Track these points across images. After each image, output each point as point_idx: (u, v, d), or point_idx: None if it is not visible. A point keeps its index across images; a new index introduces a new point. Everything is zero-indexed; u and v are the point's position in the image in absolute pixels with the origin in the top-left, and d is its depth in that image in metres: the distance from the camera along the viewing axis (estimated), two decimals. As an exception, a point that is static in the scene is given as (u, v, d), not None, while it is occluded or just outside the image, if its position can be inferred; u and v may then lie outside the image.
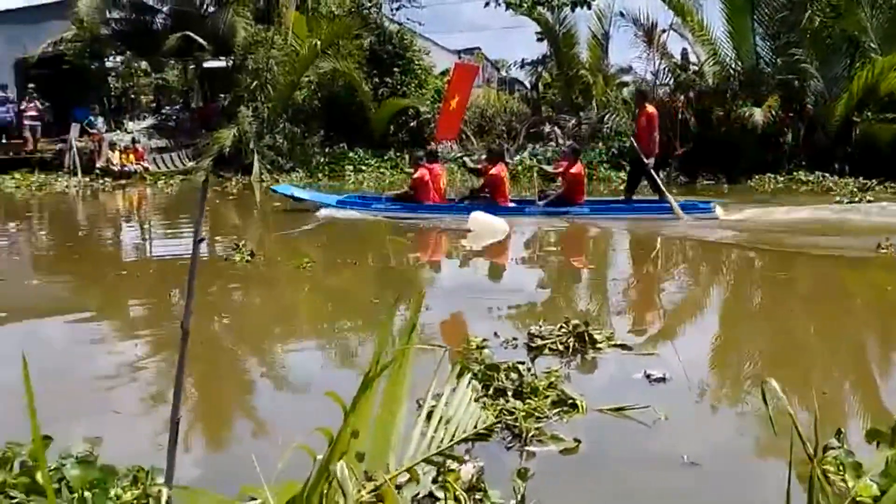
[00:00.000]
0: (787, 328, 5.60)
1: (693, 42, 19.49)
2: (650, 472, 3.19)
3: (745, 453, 3.39)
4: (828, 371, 4.69)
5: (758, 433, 3.52)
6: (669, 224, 10.57)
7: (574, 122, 21.58)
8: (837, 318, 5.91)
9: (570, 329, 4.79)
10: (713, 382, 4.41)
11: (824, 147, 16.86)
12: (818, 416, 3.72)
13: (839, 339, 5.34)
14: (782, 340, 5.30)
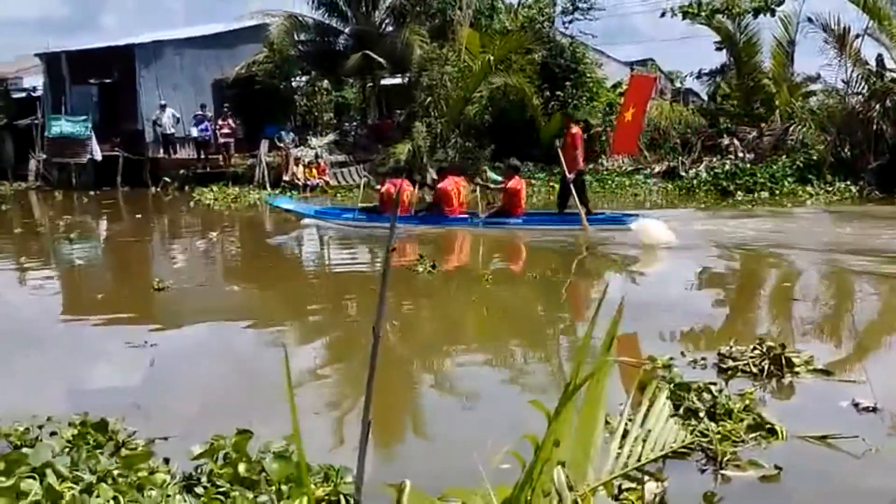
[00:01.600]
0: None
1: (890, 47, 18.08)
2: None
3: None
4: None
5: None
6: (599, 234, 11.28)
7: (755, 133, 20.58)
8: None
9: (764, 351, 4.58)
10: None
11: None
12: None
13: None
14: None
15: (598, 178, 20.55)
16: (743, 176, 18.02)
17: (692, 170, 19.76)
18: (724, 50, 22.39)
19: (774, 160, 18.80)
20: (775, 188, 17.40)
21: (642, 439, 2.96)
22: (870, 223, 12.68)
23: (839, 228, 12.33)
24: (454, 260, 10.70)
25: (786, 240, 10.67)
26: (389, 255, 1.79)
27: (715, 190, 17.91)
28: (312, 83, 26.31)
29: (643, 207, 16.57)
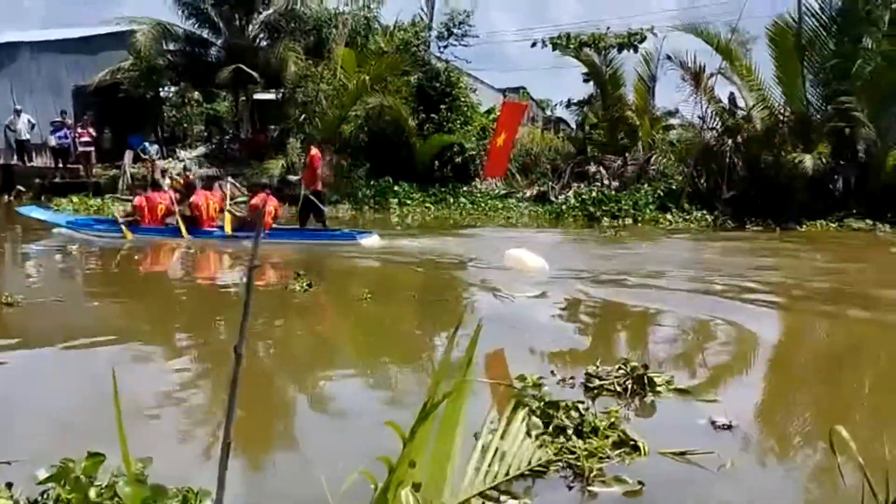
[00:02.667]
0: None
1: (741, 86, 19.41)
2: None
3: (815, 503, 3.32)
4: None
5: (827, 482, 3.44)
6: (337, 246, 12.39)
7: (620, 162, 21.55)
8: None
9: (628, 371, 4.75)
10: (780, 430, 4.33)
11: (877, 195, 16.60)
12: (889, 466, 3.67)
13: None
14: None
15: (471, 200, 20.89)
16: (609, 202, 18.79)
17: (562, 195, 20.42)
18: (592, 81, 23.33)
19: (638, 188, 19.72)
20: (638, 215, 18.23)
21: (500, 458, 2.99)
22: (725, 249, 13.51)
23: (698, 254, 13.05)
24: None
25: (649, 264, 11.21)
26: (252, 273, 1.73)
27: (582, 215, 18.58)
28: (182, 94, 25.48)
29: (514, 228, 17.03)
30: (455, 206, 20.53)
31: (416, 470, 2.13)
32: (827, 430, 4.28)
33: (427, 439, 2.17)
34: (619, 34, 22.44)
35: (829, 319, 7.53)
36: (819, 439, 4.09)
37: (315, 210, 13.69)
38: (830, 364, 5.93)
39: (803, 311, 8.03)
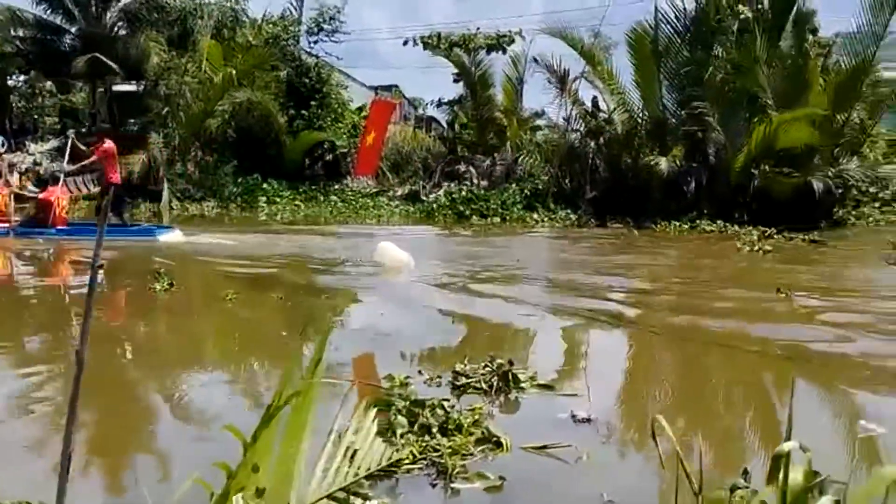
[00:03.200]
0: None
1: (603, 90, 20.22)
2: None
3: (662, 490, 3.49)
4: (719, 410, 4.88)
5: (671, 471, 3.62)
6: (136, 242, 12.33)
7: (489, 162, 21.97)
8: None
9: (493, 368, 4.84)
10: (636, 423, 4.53)
11: (725, 196, 17.68)
12: (713, 454, 3.93)
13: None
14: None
15: (342, 198, 20.74)
16: (478, 201, 19.15)
17: (433, 194, 20.60)
18: (462, 82, 23.67)
19: (506, 188, 20.18)
20: (506, 214, 18.66)
21: (350, 459, 2.99)
22: (585, 246, 14.04)
23: (561, 252, 13.49)
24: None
25: (513, 261, 11.49)
26: (95, 272, 1.66)
27: (452, 213, 18.83)
28: (32, 84, 23.94)
29: (386, 226, 17.06)
30: (326, 204, 20.33)
31: (261, 474, 2.08)
32: (678, 422, 4.54)
33: (272, 443, 2.12)
34: (489, 35, 22.92)
35: (681, 316, 7.94)
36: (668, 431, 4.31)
37: (115, 205, 13.26)
38: (682, 359, 6.25)
39: (658, 309, 8.43)
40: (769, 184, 17.28)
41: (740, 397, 5.17)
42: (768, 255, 13.08)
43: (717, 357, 6.15)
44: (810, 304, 8.22)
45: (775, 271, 11.30)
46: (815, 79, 17.90)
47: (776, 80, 17.71)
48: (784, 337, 6.57)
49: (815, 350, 6.15)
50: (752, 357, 5.98)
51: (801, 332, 6.83)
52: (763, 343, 6.36)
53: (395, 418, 3.89)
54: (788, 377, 5.32)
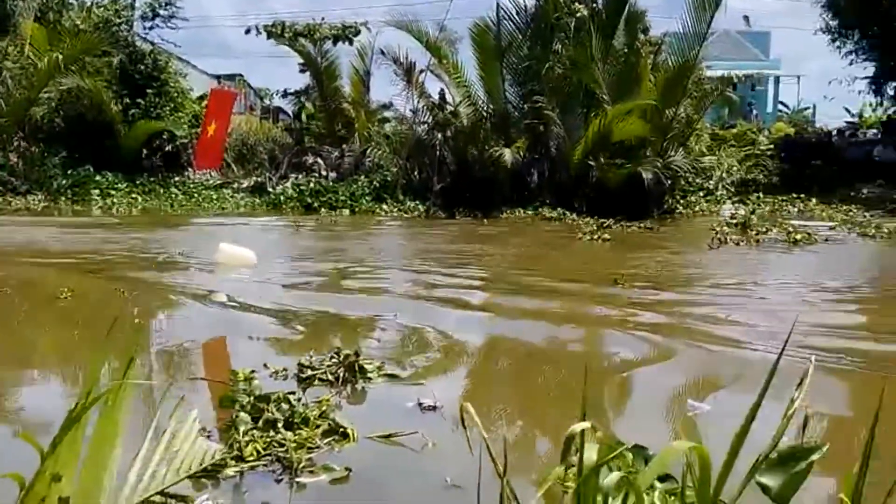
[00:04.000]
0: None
1: (449, 83, 20.51)
2: (416, 496, 3.28)
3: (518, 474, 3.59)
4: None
5: (517, 456, 3.74)
6: None
7: (337, 153, 21.80)
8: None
9: (340, 359, 4.81)
10: (480, 409, 4.62)
11: (566, 187, 18.42)
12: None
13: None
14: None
15: (184, 190, 19.95)
16: (326, 193, 18.97)
17: (279, 186, 20.21)
18: (308, 72, 23.33)
19: (355, 179, 20.10)
20: (355, 206, 18.60)
21: (168, 461, 2.87)
22: (434, 236, 14.23)
23: (410, 242, 13.59)
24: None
25: (363, 252, 11.48)
26: None
27: (300, 206, 18.55)
28: None
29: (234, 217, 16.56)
30: (165, 197, 19.48)
31: (65, 483, 1.94)
32: (520, 412, 4.70)
33: (79, 449, 2.00)
34: (334, 26, 22.70)
35: (528, 301, 8.20)
36: (512, 417, 4.46)
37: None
38: (530, 349, 6.43)
39: (505, 296, 8.67)
40: (605, 174, 18.15)
41: (568, 388, 5.40)
42: (607, 244, 13.74)
43: (568, 350, 6.40)
44: (645, 299, 8.71)
45: (614, 260, 11.91)
46: (645, 75, 18.94)
47: (611, 76, 18.60)
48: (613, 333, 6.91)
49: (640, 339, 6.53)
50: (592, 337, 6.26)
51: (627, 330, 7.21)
52: (594, 329, 6.67)
53: (238, 415, 3.79)
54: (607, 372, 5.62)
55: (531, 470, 3.52)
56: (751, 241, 13.62)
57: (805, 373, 1.61)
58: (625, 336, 6.30)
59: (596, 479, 1.63)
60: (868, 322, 7.66)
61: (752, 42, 38.73)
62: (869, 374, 5.25)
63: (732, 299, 8.27)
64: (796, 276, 10.61)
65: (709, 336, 6.28)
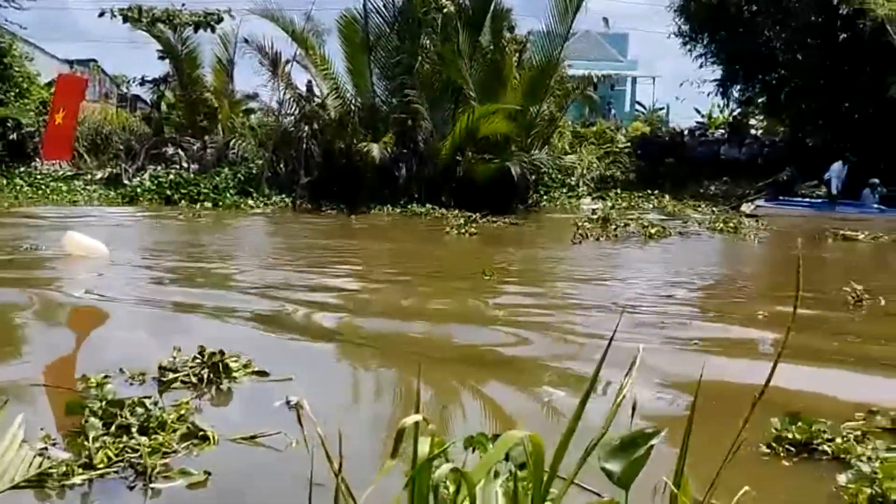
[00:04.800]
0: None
1: (316, 75, 20.21)
2: (275, 497, 3.21)
3: (370, 471, 3.57)
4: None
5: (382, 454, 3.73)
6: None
7: (199, 145, 21.05)
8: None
9: (203, 359, 4.64)
10: (344, 404, 4.58)
11: (434, 182, 18.56)
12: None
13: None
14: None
15: (30, 182, 18.73)
16: (187, 185, 18.30)
17: (136, 177, 19.32)
18: (168, 59, 22.39)
19: (218, 172, 19.48)
20: (219, 199, 18.03)
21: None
22: (300, 230, 14.01)
23: (275, 236, 13.30)
24: None
25: (223, 247, 11.14)
26: None
27: (159, 198, 17.81)
28: None
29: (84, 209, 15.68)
30: (10, 188, 18.22)
31: None
32: (374, 407, 4.69)
33: None
34: (195, 12, 21.87)
35: (401, 293, 8.21)
36: (369, 413, 4.45)
37: None
38: (400, 344, 6.41)
39: (371, 289, 8.64)
40: (473, 169, 18.43)
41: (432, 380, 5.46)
42: (474, 238, 13.96)
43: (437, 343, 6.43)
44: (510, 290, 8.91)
45: (482, 253, 12.11)
46: (511, 73, 19.35)
47: (478, 72, 18.88)
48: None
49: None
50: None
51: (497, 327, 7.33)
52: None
53: (88, 421, 3.58)
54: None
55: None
56: (610, 235, 14.20)
57: (634, 360, 1.68)
58: (487, 331, 6.42)
59: (429, 471, 1.65)
60: (712, 308, 8.15)
61: (610, 43, 40.33)
62: (719, 357, 5.57)
63: (593, 292, 8.60)
64: (651, 267, 11.18)
65: (566, 328, 6.49)
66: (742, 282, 10.11)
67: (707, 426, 2.37)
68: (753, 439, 3.78)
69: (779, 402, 4.61)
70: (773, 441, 3.77)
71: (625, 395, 1.66)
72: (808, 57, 21.90)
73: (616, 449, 1.69)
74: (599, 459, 1.70)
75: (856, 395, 4.65)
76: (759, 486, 3.49)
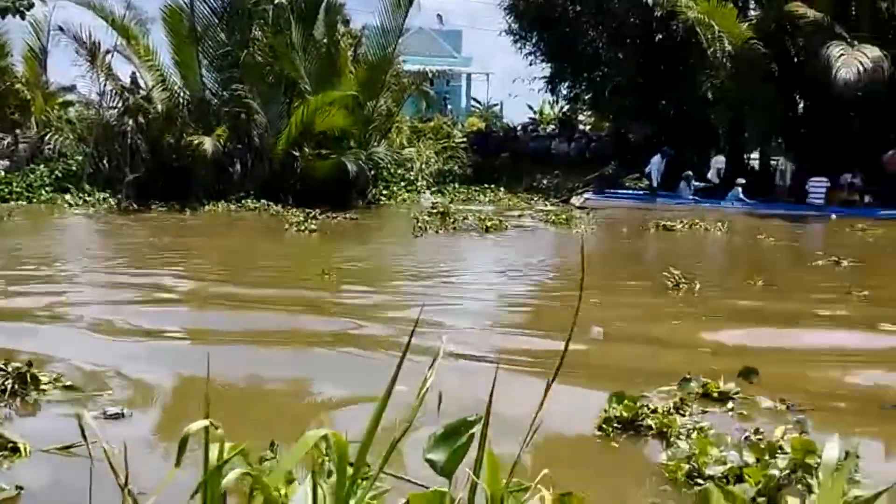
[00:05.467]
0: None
1: (141, 66, 19.14)
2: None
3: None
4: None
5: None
6: None
7: (10, 140, 19.45)
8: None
9: (9, 371, 4.29)
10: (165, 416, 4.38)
11: (270, 178, 18.10)
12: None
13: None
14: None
15: None
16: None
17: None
18: (-28, 47, 20.52)
19: (32, 169, 18.14)
20: (33, 197, 16.83)
21: None
22: (124, 230, 13.28)
23: (94, 237, 12.53)
24: None
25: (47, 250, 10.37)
26: None
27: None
28: None
29: None
30: None
31: None
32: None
33: None
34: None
35: (231, 291, 7.93)
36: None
37: None
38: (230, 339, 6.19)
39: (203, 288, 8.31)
40: (310, 165, 18.13)
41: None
42: (314, 235, 13.74)
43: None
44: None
45: (323, 250, 11.96)
46: (346, 67, 19.18)
47: (312, 66, 18.57)
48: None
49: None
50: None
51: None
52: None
53: None
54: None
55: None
56: (449, 228, 14.41)
57: (437, 353, 1.68)
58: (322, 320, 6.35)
59: (219, 477, 1.57)
60: (545, 297, 8.47)
61: (445, 40, 40.85)
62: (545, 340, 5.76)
63: (433, 287, 8.71)
64: (487, 260, 11.47)
65: (405, 322, 6.51)
66: (575, 271, 10.56)
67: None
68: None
69: (609, 372, 4.85)
70: (603, 423, 3.94)
71: (429, 386, 1.64)
72: (627, 56, 23.16)
73: (439, 439, 1.68)
74: (423, 451, 1.68)
75: (671, 367, 4.96)
76: (591, 468, 3.65)
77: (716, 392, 4.41)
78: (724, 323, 6.93)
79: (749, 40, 18.97)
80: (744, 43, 19.00)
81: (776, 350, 5.88)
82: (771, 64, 19.28)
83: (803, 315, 7.24)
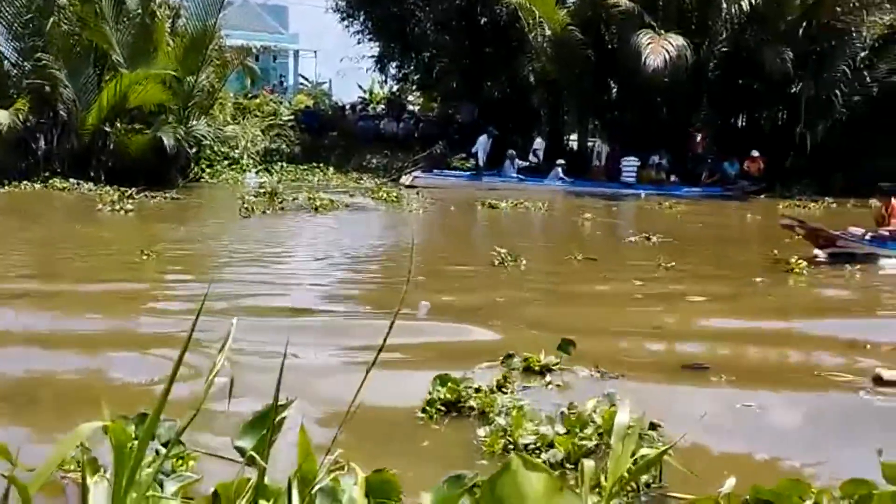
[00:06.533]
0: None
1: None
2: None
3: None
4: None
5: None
6: None
7: None
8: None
9: None
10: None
11: (79, 154, 16.91)
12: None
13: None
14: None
15: None
16: None
17: None
18: None
19: None
20: None
21: None
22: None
23: None
24: None
25: None
26: None
27: None
28: None
29: None
30: None
31: None
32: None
33: None
34: None
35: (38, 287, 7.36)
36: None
37: None
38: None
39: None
40: (125, 142, 17.09)
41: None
42: (131, 215, 13.00)
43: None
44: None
45: (143, 232, 11.33)
46: (163, 39, 18.15)
47: (125, 37, 17.43)
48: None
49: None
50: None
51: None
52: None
53: None
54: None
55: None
56: (276, 208, 14.08)
57: (227, 334, 1.63)
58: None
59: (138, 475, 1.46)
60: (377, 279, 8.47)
61: (270, 15, 39.64)
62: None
63: (263, 268, 8.49)
64: (317, 240, 11.31)
65: (246, 307, 6.31)
66: (406, 249, 10.63)
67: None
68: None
69: (434, 352, 4.93)
70: (427, 405, 3.98)
71: (218, 370, 1.58)
72: (454, 38, 23.48)
73: (248, 426, 1.62)
74: (232, 438, 1.62)
75: (497, 343, 5.10)
76: (411, 448, 3.67)
77: (537, 366, 4.60)
78: (547, 297, 7.23)
79: (567, 27, 19.78)
80: (563, 29, 19.79)
81: (595, 322, 6.20)
82: (588, 50, 20.19)
83: (620, 289, 7.69)
